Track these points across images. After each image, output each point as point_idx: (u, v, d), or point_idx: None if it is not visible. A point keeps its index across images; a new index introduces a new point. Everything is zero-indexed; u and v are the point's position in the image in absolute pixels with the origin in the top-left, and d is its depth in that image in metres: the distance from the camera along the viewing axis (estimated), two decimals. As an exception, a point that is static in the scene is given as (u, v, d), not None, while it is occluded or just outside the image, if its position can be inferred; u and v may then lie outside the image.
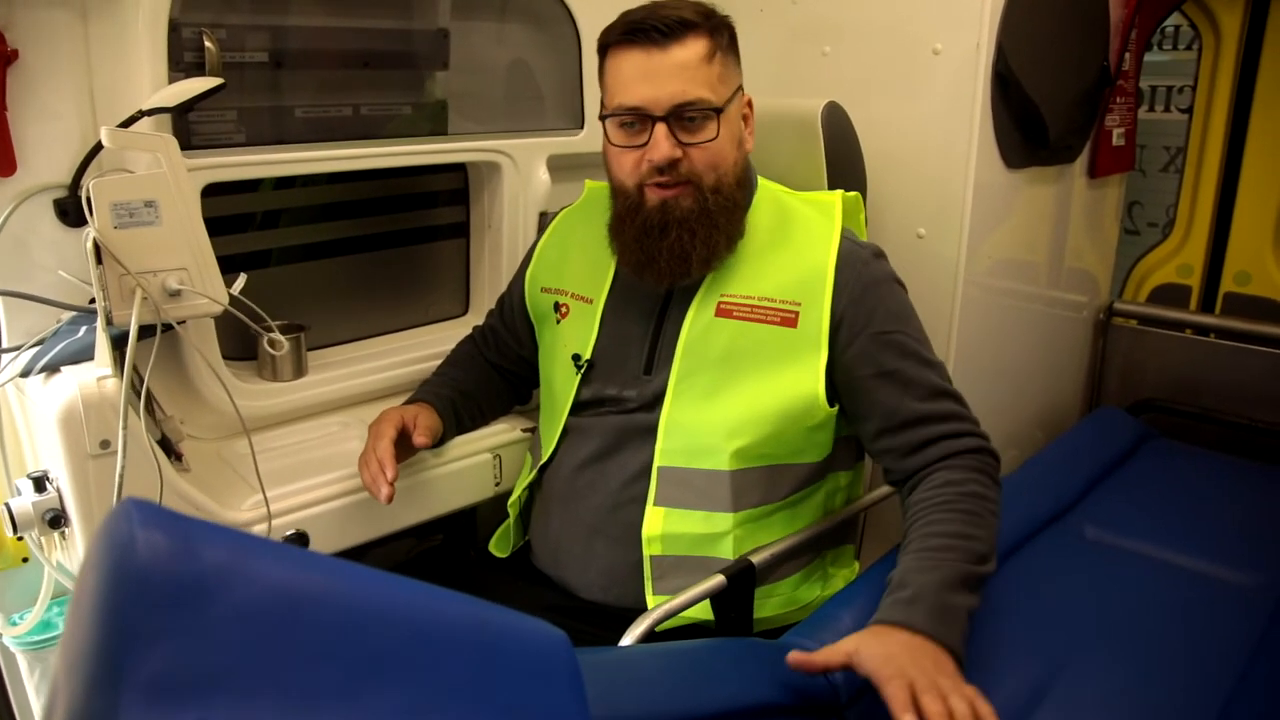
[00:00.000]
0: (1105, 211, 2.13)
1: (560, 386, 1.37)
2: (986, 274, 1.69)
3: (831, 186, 1.46)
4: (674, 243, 1.20)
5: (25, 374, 1.17)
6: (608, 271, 1.34)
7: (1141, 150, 2.24)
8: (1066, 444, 1.81)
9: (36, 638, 1.28)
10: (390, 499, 1.23)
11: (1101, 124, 1.95)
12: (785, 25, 1.76)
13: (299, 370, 1.53)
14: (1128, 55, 1.95)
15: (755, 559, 1.22)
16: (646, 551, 1.23)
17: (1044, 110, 1.64)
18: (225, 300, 1.18)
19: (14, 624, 1.29)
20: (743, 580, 1.21)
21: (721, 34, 1.21)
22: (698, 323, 1.26)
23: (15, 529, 1.14)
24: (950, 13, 1.54)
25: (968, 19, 1.52)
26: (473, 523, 1.65)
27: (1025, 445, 1.98)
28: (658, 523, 1.23)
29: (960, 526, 1.12)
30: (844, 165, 1.50)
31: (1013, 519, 1.51)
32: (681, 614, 1.16)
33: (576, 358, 1.34)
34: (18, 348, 1.22)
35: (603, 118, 1.24)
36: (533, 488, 1.41)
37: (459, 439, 1.47)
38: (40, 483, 1.16)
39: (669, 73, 1.16)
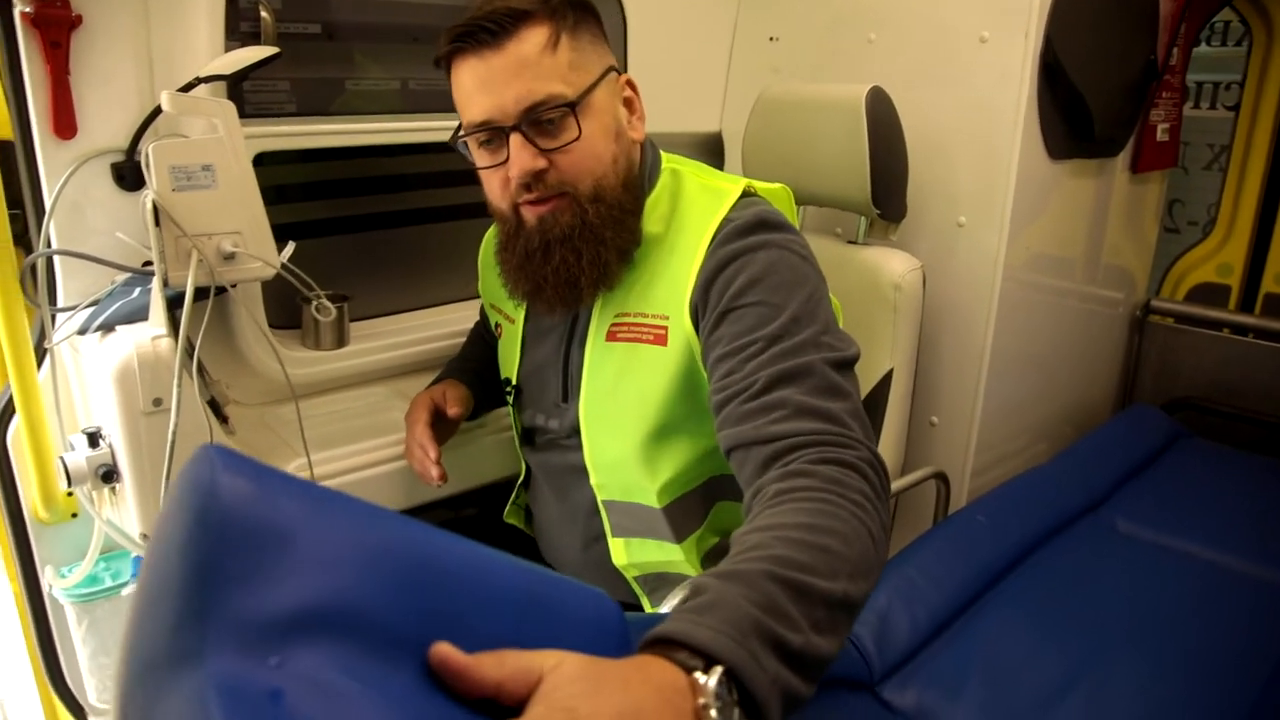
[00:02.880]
0: (1146, 208, 2.11)
1: (509, 411, 1.35)
2: (1025, 266, 1.68)
3: (874, 172, 1.46)
4: (559, 266, 1.06)
5: (82, 332, 1.19)
6: (516, 298, 1.21)
7: (1185, 147, 2.23)
8: (1100, 438, 1.81)
9: (85, 590, 1.31)
10: (444, 478, 1.24)
11: (1146, 118, 1.93)
12: (830, 11, 1.76)
13: (340, 340, 1.56)
14: (1176, 49, 1.93)
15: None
16: (627, 575, 1.23)
17: (1090, 102, 1.63)
18: (277, 264, 1.20)
19: (63, 576, 1.32)
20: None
21: (564, 16, 1.03)
22: (594, 351, 1.16)
23: (69, 483, 1.17)
24: (999, 1, 1.53)
25: (1016, 8, 1.51)
26: (506, 495, 1.67)
27: (1055, 440, 1.98)
28: (622, 552, 1.22)
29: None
30: (886, 151, 1.49)
31: (1046, 509, 1.52)
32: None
33: (506, 382, 1.31)
34: (73, 307, 1.25)
35: (453, 140, 1.10)
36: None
37: (493, 413, 1.49)
38: (94, 438, 1.19)
39: (509, 74, 1.00)
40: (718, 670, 0.56)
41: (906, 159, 1.57)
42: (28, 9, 1.13)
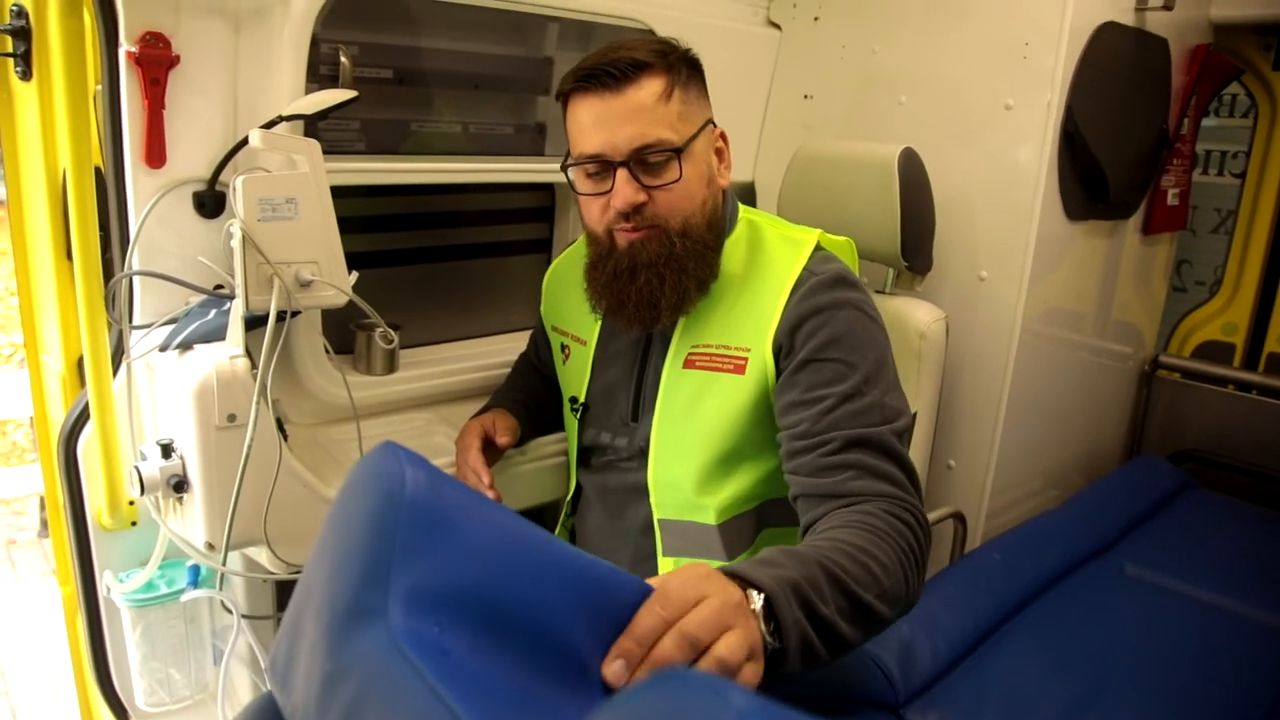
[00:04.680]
0: (1155, 267, 2.20)
1: (568, 428, 1.42)
2: (1041, 319, 1.76)
3: (904, 227, 1.55)
4: (643, 286, 1.17)
5: (163, 349, 1.27)
6: (598, 313, 1.31)
7: (1194, 211, 2.31)
8: (1109, 486, 1.88)
9: (143, 595, 1.37)
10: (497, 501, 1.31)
11: (1158, 183, 2.02)
12: (863, 72, 1.86)
13: (391, 366, 1.63)
14: (1186, 120, 2.03)
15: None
16: None
17: (1106, 167, 1.72)
18: (350, 292, 1.28)
19: (121, 581, 1.39)
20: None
21: (679, 70, 1.16)
22: (671, 375, 1.25)
23: (142, 491, 1.24)
24: (1024, 72, 1.63)
25: (1040, 79, 1.60)
26: (555, 519, 1.74)
27: (1065, 487, 2.04)
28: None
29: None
30: (916, 208, 1.58)
31: (1057, 550, 1.59)
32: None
33: (574, 400, 1.38)
34: (148, 325, 1.33)
35: (564, 167, 1.21)
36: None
37: (538, 440, 1.56)
38: (167, 450, 1.25)
39: (625, 116, 1.12)
40: (762, 595, 0.76)
41: (934, 216, 1.65)
42: (133, 49, 1.22)
